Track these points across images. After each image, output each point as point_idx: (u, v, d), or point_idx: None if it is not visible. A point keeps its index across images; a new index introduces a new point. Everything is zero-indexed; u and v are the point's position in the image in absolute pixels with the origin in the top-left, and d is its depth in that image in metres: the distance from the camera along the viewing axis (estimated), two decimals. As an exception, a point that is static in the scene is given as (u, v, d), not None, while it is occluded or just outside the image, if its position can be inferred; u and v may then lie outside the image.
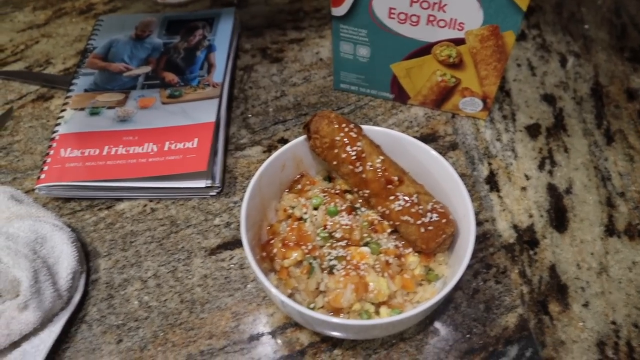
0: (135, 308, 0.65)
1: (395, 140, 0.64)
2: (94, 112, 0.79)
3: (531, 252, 0.68)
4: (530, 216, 0.71)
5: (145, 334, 0.63)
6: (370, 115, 0.82)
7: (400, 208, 0.59)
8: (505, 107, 0.83)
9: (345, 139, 0.60)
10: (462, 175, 0.75)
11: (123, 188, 0.72)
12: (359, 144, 0.60)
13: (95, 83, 0.83)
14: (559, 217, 0.71)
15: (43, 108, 0.85)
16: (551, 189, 0.74)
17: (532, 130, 0.81)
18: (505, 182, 0.75)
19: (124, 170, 0.72)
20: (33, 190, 0.73)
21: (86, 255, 0.69)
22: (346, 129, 0.60)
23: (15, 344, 0.59)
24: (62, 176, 0.71)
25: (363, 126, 0.63)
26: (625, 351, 0.61)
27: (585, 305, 0.64)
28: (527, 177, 0.75)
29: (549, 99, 0.85)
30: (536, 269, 0.67)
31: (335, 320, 0.51)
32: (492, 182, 0.75)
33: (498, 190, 0.74)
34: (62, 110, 0.79)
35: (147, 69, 0.85)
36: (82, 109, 0.79)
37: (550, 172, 0.76)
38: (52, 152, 0.74)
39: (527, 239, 0.69)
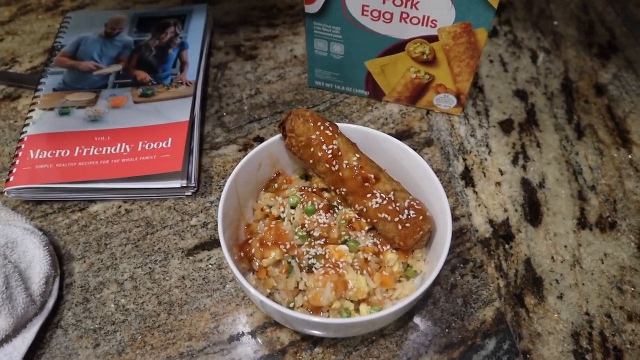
0: (112, 312, 0.64)
1: (371, 138, 0.64)
2: (64, 112, 0.77)
3: (507, 247, 0.69)
4: (506, 211, 0.72)
5: (123, 337, 0.62)
6: (345, 113, 0.82)
7: (377, 206, 0.59)
8: (479, 103, 0.84)
9: (321, 138, 0.60)
10: (438, 172, 0.75)
11: (96, 190, 0.71)
12: (335, 142, 0.60)
13: (64, 82, 0.81)
14: (533, 212, 0.72)
15: (10, 108, 0.83)
16: (525, 183, 0.75)
17: (506, 126, 0.82)
18: (481, 177, 0.76)
19: (96, 172, 0.70)
20: (2, 193, 0.71)
21: (60, 259, 0.67)
22: (322, 128, 0.60)
23: (-13, 352, 0.58)
24: (33, 178, 0.70)
25: (339, 124, 0.63)
26: (599, 341, 0.62)
27: (560, 297, 0.65)
28: (502, 173, 0.76)
29: (521, 94, 0.86)
30: (512, 263, 0.68)
31: (315, 319, 0.51)
32: (467, 177, 0.76)
33: (474, 186, 0.75)
34: (31, 111, 0.77)
35: (118, 67, 0.83)
36: (51, 109, 0.77)
37: (524, 167, 0.77)
38: (21, 153, 0.72)
39: (503, 234, 0.70)
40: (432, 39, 0.72)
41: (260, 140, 0.79)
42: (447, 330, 0.63)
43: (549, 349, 0.62)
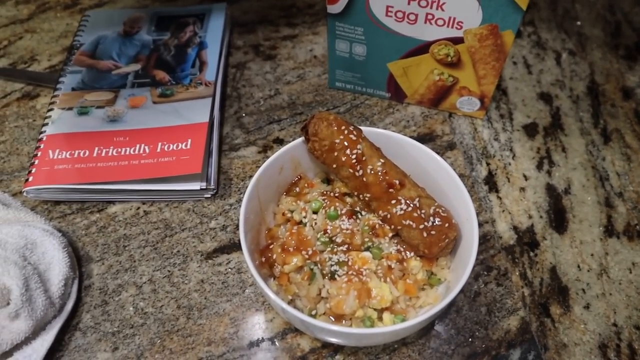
0: (130, 314, 0.63)
1: (395, 142, 0.63)
2: (83, 111, 0.76)
3: (531, 254, 0.68)
4: (530, 217, 0.71)
5: (141, 341, 0.61)
6: (366, 115, 0.81)
7: (402, 212, 0.57)
8: (502, 106, 0.83)
9: (345, 142, 0.59)
10: (461, 176, 0.74)
11: (115, 191, 0.70)
12: (359, 146, 0.59)
13: (83, 81, 0.80)
14: (559, 218, 0.71)
15: (29, 107, 0.82)
16: (550, 189, 0.74)
17: (530, 130, 0.80)
18: (504, 182, 0.74)
19: (115, 173, 0.70)
20: (21, 192, 0.71)
21: (78, 260, 0.67)
22: (346, 132, 0.59)
23: (6, 354, 0.57)
24: (51, 179, 0.69)
25: (362, 128, 0.62)
26: (627, 354, 0.61)
27: (587, 307, 0.64)
28: (526, 178, 0.75)
29: (545, 97, 0.84)
30: (537, 271, 0.66)
31: (337, 328, 0.50)
32: (490, 182, 0.74)
33: (497, 191, 0.73)
34: (49, 110, 0.77)
35: (136, 66, 0.82)
36: (70, 109, 0.77)
37: (549, 172, 0.75)
38: (39, 153, 0.72)
39: (527, 241, 0.69)
40: (457, 41, 0.70)
41: (279, 141, 0.78)
42: (470, 339, 0.61)
43: (575, 361, 0.60)
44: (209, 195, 0.72)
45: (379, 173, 0.58)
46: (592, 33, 0.93)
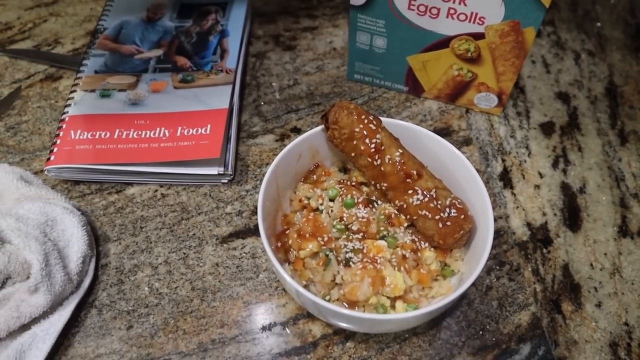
0: (145, 294, 0.64)
1: (413, 134, 0.63)
2: (105, 94, 0.77)
3: (544, 251, 0.68)
4: (544, 214, 0.71)
5: (155, 320, 0.62)
6: (383, 107, 0.82)
7: (418, 202, 0.58)
8: (519, 104, 0.83)
9: (365, 131, 0.59)
10: (476, 171, 0.74)
11: (133, 172, 0.71)
12: (378, 136, 0.59)
13: (105, 65, 0.81)
14: (573, 217, 0.71)
15: (51, 88, 0.83)
16: (565, 187, 0.74)
17: (546, 128, 0.80)
18: (519, 179, 0.74)
19: (135, 155, 0.71)
20: (42, 171, 0.72)
21: (96, 239, 0.68)
22: (365, 121, 0.60)
23: (25, 327, 0.59)
24: (72, 158, 0.70)
25: (382, 118, 0.62)
26: (638, 352, 0.61)
27: (598, 305, 0.64)
28: (541, 175, 0.75)
29: (563, 97, 0.84)
30: (549, 268, 0.67)
31: (350, 312, 0.51)
32: (505, 178, 0.74)
33: (512, 187, 0.74)
34: (72, 92, 0.78)
35: (158, 52, 0.83)
36: (92, 91, 0.78)
37: (564, 171, 0.75)
38: (61, 133, 0.73)
39: (541, 237, 0.69)
40: (478, 36, 0.71)
41: (297, 131, 0.78)
42: (480, 332, 0.62)
43: (585, 358, 0.60)
44: (225, 181, 0.72)
45: (397, 163, 0.58)
46: (612, 35, 0.93)
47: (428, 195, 0.58)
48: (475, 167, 0.74)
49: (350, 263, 0.57)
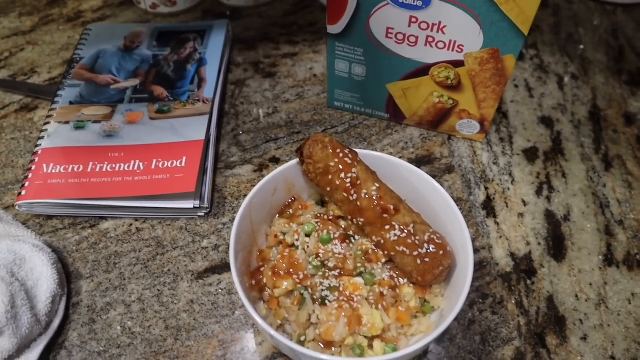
0: (118, 334, 0.62)
1: (391, 166, 0.62)
2: (79, 125, 0.76)
3: (529, 282, 0.66)
4: (528, 244, 0.70)
5: (127, 362, 0.60)
6: (364, 135, 0.80)
7: (396, 238, 0.56)
8: (502, 130, 0.82)
9: (340, 165, 0.58)
10: (459, 200, 0.73)
11: (108, 207, 0.69)
12: (354, 170, 0.58)
13: (81, 95, 0.80)
14: (557, 246, 0.70)
15: (26, 119, 0.82)
16: (549, 215, 0.72)
17: (530, 154, 0.79)
18: (502, 207, 0.73)
19: (109, 189, 0.69)
20: (13, 206, 0.70)
21: (67, 276, 0.66)
22: (341, 155, 0.58)
23: (-11, 373, 0.56)
24: (44, 193, 0.69)
25: (358, 151, 0.61)
26: (625, 389, 0.59)
27: (584, 338, 0.62)
28: (525, 203, 0.73)
29: (546, 121, 0.83)
30: (534, 300, 0.65)
31: (326, 357, 0.49)
32: (488, 207, 0.73)
33: (495, 216, 0.72)
34: (46, 124, 0.76)
35: (135, 82, 0.82)
36: (66, 122, 0.76)
37: (548, 198, 0.74)
38: (34, 167, 0.71)
39: (525, 268, 0.67)
40: (458, 64, 0.70)
41: (276, 160, 0.77)
42: (463, 369, 0.60)
43: (571, 394, 0.59)
44: (202, 214, 0.71)
45: (374, 198, 0.57)
46: (595, 57, 0.93)
47: (406, 231, 0.56)
48: (458, 196, 0.73)
49: (326, 302, 0.55)
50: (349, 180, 0.57)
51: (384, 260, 0.59)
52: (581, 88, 0.88)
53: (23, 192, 0.69)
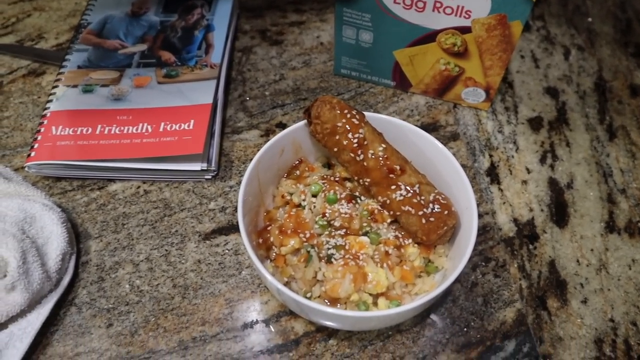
0: (126, 292, 0.63)
1: (397, 129, 0.63)
2: (87, 89, 0.76)
3: (531, 247, 0.67)
4: (531, 210, 0.70)
5: (136, 318, 0.61)
6: (370, 102, 0.81)
7: (401, 198, 0.57)
8: (507, 99, 0.82)
9: (347, 126, 0.58)
10: (463, 167, 0.73)
11: (116, 168, 0.70)
12: (360, 131, 0.59)
13: (89, 60, 0.80)
14: (560, 212, 0.70)
15: (34, 84, 0.82)
16: (552, 183, 0.73)
17: (534, 124, 0.79)
18: (506, 174, 0.74)
19: (117, 150, 0.70)
20: (22, 168, 0.71)
21: (76, 236, 0.67)
22: (348, 115, 0.59)
23: (2, 326, 0.58)
24: (53, 154, 0.69)
25: (365, 113, 0.61)
26: (623, 349, 0.60)
27: (584, 302, 0.63)
28: (529, 171, 0.74)
29: (552, 92, 0.83)
30: (535, 264, 0.66)
31: (332, 310, 0.50)
32: (492, 174, 0.74)
33: (499, 183, 0.73)
34: (54, 87, 0.77)
35: (143, 47, 0.82)
36: (74, 86, 0.77)
37: (552, 167, 0.75)
38: (42, 129, 0.72)
39: (527, 233, 0.68)
40: (465, 30, 0.70)
41: (282, 126, 0.77)
42: (465, 329, 0.61)
43: (570, 354, 0.60)
44: (209, 177, 0.72)
45: (380, 158, 0.58)
46: (602, 30, 0.93)
47: (411, 191, 0.57)
48: (462, 163, 0.73)
49: (332, 260, 0.56)
50: (356, 140, 0.58)
51: (389, 220, 0.60)
52: (587, 60, 0.88)
53: (32, 154, 0.69)
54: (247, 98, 0.81)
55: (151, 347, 0.59)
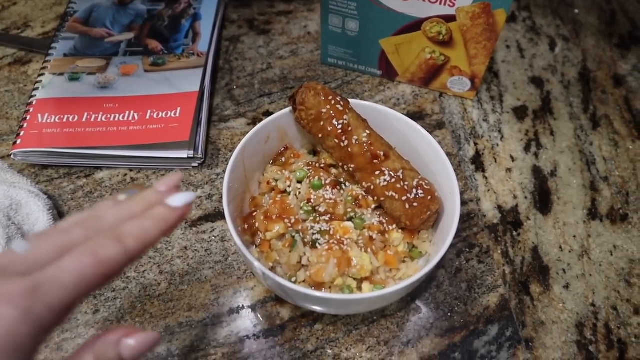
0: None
1: (382, 116, 0.63)
2: (74, 77, 0.76)
3: (514, 233, 0.68)
4: (515, 197, 0.71)
5: (122, 304, 0.61)
6: (357, 91, 0.81)
7: (385, 183, 0.58)
8: (493, 88, 0.83)
9: (332, 112, 0.59)
10: (448, 155, 0.73)
11: (102, 156, 0.70)
12: (345, 117, 0.59)
13: (75, 48, 0.80)
14: (543, 199, 0.71)
15: (20, 72, 0.82)
16: (536, 171, 0.74)
17: (519, 112, 0.80)
18: (491, 162, 0.74)
19: (103, 138, 0.70)
20: (9, 156, 0.71)
21: (63, 223, 0.67)
22: (333, 102, 0.59)
23: (-14, 312, 0.58)
24: (39, 142, 0.69)
25: (350, 100, 0.62)
26: (604, 333, 0.61)
27: (566, 287, 0.64)
28: (513, 159, 0.75)
29: (537, 81, 0.84)
30: (519, 250, 0.67)
31: (316, 294, 0.51)
32: (477, 162, 0.74)
33: (483, 171, 0.74)
34: (40, 75, 0.77)
35: (129, 35, 0.82)
36: (61, 74, 0.77)
37: (536, 155, 0.76)
38: (29, 117, 0.72)
39: (511, 220, 0.69)
40: (449, 19, 0.70)
41: (269, 114, 0.77)
42: (449, 314, 0.62)
43: (551, 338, 0.61)
44: (196, 165, 0.72)
45: (364, 144, 0.58)
46: (587, 20, 0.93)
47: (395, 177, 0.58)
48: (448, 151, 0.74)
49: (317, 244, 0.56)
50: (340, 126, 0.58)
51: (373, 206, 0.60)
52: (572, 50, 0.89)
53: (18, 141, 0.69)
54: (235, 87, 0.81)
55: (137, 333, 0.60)
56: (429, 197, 0.57)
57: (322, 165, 0.63)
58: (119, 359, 0.32)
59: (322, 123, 0.59)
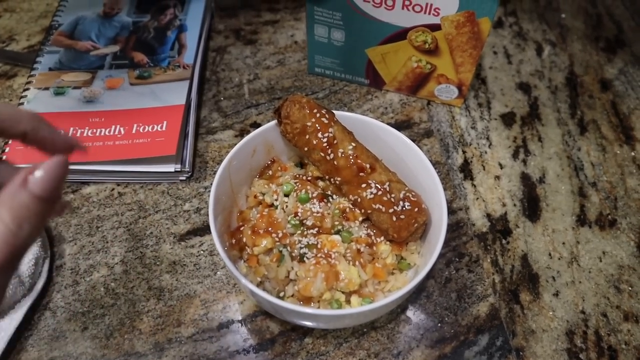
0: (101, 295, 0.63)
1: (368, 127, 0.63)
2: (59, 92, 0.76)
3: (504, 241, 0.68)
4: (504, 205, 0.71)
5: (111, 321, 0.61)
6: (344, 101, 0.81)
7: (372, 196, 0.58)
8: (480, 95, 0.83)
9: (317, 125, 0.59)
10: (437, 163, 0.74)
11: (89, 171, 0.70)
12: (330, 130, 0.59)
13: (60, 62, 0.80)
14: (532, 207, 0.71)
15: (5, 87, 0.81)
16: (525, 178, 0.74)
17: (507, 119, 0.80)
18: (480, 170, 0.74)
19: (90, 153, 0.69)
20: (-6, 172, 0.70)
21: (50, 240, 0.66)
22: (318, 115, 0.59)
23: (-27, 332, 0.57)
24: (25, 158, 0.69)
25: (335, 112, 0.62)
26: (594, 340, 0.61)
27: (556, 294, 0.64)
28: (501, 166, 0.75)
29: (524, 87, 0.84)
30: (508, 258, 0.67)
31: (305, 309, 0.51)
32: (466, 170, 0.74)
33: (472, 179, 0.74)
34: (25, 90, 0.76)
35: (115, 48, 0.82)
36: (46, 89, 0.76)
37: (524, 161, 0.76)
38: (14, 133, 0.71)
39: (500, 228, 0.69)
40: (435, 28, 0.70)
41: (257, 126, 0.77)
42: (439, 325, 0.62)
43: (542, 347, 0.61)
44: (183, 178, 0.71)
45: (350, 156, 0.58)
46: (574, 25, 0.94)
47: (381, 189, 0.58)
48: (436, 160, 0.74)
49: (305, 259, 0.56)
50: (325, 139, 0.58)
51: (361, 218, 0.60)
52: (559, 55, 0.89)
53: (4, 157, 0.69)
54: (222, 98, 0.81)
55: (127, 350, 0.59)
56: (416, 209, 0.57)
57: (309, 178, 0.63)
58: (34, 199, 0.31)
59: (307, 136, 0.59)
